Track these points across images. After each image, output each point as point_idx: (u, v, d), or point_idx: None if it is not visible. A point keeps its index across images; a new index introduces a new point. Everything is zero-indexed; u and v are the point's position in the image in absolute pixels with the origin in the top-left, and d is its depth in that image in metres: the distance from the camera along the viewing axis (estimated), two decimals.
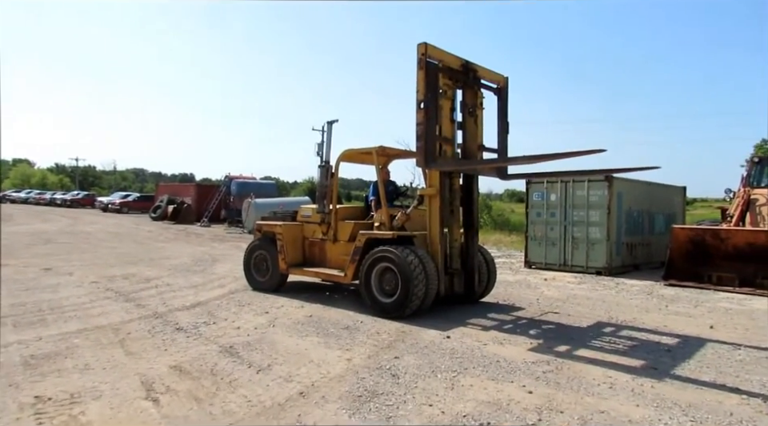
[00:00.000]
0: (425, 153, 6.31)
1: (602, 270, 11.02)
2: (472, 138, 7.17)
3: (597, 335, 5.75)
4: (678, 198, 14.17)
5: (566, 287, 9.35)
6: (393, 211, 7.16)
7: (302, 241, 8.28)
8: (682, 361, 4.80)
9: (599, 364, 4.65)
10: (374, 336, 5.55)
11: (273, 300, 7.47)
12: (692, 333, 5.90)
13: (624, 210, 11.52)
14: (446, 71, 6.76)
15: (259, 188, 27.19)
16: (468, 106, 7.12)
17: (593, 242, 11.22)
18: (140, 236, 18.91)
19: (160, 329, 5.72)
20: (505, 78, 7.53)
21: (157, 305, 6.98)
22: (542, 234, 12.09)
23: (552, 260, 11.89)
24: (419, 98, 6.39)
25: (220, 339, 5.38)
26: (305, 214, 8.40)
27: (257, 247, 8.51)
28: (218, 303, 7.20)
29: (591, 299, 8.16)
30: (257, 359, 4.70)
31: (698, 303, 7.85)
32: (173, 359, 4.69)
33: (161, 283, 8.71)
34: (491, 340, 5.44)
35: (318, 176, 8.16)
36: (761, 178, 10.79)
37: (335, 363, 4.63)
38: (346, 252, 7.33)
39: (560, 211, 11.79)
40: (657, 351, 5.14)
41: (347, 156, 7.97)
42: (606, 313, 7.01)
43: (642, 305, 7.67)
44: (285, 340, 5.36)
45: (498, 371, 4.46)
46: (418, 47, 6.44)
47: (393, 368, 4.48)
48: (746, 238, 9.09)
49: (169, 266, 11.00)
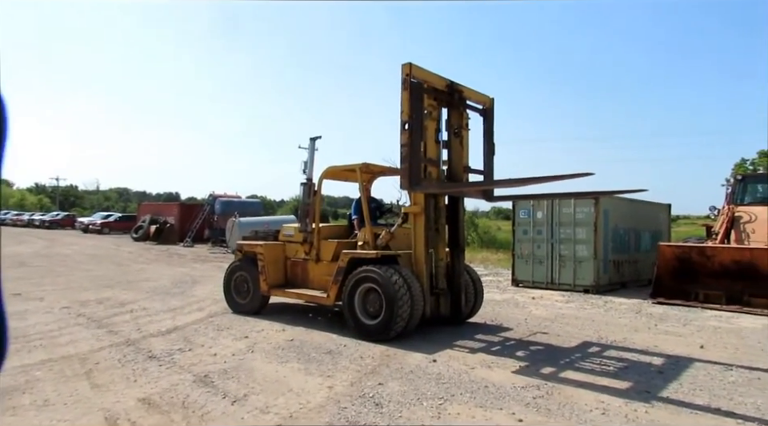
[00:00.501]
0: (409, 175, 6.21)
1: (589, 288, 10.94)
2: (457, 160, 7.12)
3: (587, 357, 5.60)
4: (663, 215, 14.25)
5: (554, 306, 9.22)
6: (377, 230, 7.01)
7: (284, 261, 8.08)
8: (675, 383, 4.65)
9: (591, 388, 4.49)
10: (357, 361, 5.34)
11: (253, 323, 7.22)
12: (683, 353, 5.78)
13: (611, 227, 11.51)
14: (430, 92, 6.70)
15: (244, 207, 26.93)
16: (453, 127, 7.06)
17: (580, 260, 11.15)
18: (119, 258, 18.47)
19: (131, 358, 5.44)
20: (491, 99, 7.49)
21: (130, 331, 6.68)
22: (528, 252, 12.01)
23: (539, 278, 11.79)
24: (403, 119, 6.31)
25: (195, 367, 5.12)
26: (287, 233, 8.22)
27: (237, 268, 8.28)
28: (195, 328, 6.92)
29: (580, 318, 8.03)
30: (232, 389, 4.45)
31: (686, 322, 7.76)
32: (142, 390, 4.42)
33: (136, 308, 8.40)
34: (479, 364, 5.25)
35: (300, 194, 8.00)
36: (744, 196, 10.90)
37: (316, 391, 4.41)
38: (329, 272, 7.14)
39: (547, 229, 11.73)
40: (648, 372, 5.00)
41: (330, 173, 7.83)
42: (596, 333, 6.88)
43: (631, 324, 7.56)
44: (263, 367, 5.12)
45: (487, 397, 4.27)
46: (403, 68, 6.37)
47: (376, 396, 4.27)
48: (731, 255, 9.08)
49: (147, 289, 10.67)
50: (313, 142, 8.42)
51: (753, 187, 11.07)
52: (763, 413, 3.95)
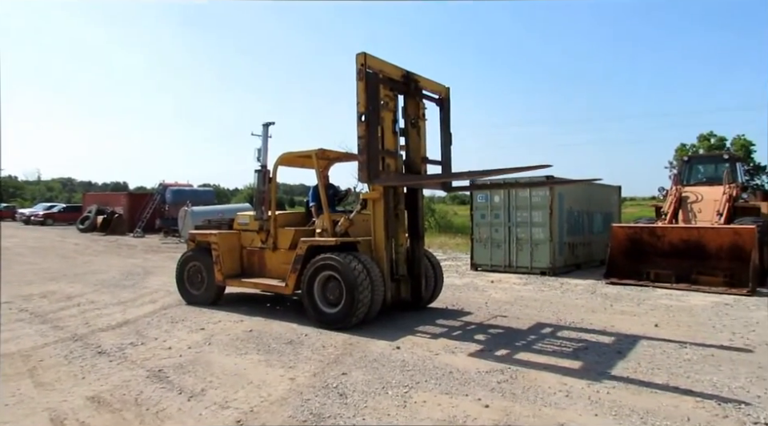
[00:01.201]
0: (368, 168, 6.15)
1: (546, 270, 11.16)
2: (415, 150, 7.09)
3: (547, 339, 5.67)
4: (614, 197, 14.66)
5: (513, 289, 9.35)
6: (335, 217, 6.91)
7: (240, 250, 7.86)
8: (634, 363, 4.76)
9: (553, 371, 4.53)
10: (319, 351, 5.22)
11: (209, 315, 6.98)
12: (638, 332, 5.94)
13: (565, 210, 11.74)
14: (386, 82, 6.64)
15: (196, 195, 26.13)
16: (410, 117, 7.01)
17: (536, 242, 11.34)
18: (65, 250, 17.58)
19: (79, 354, 5.13)
20: (446, 89, 7.48)
21: (77, 326, 6.33)
22: (486, 236, 12.13)
23: (497, 262, 11.95)
24: (360, 111, 6.22)
25: (148, 362, 4.88)
26: (242, 221, 7.99)
27: (190, 258, 8.01)
28: (148, 321, 6.63)
29: (538, 300, 8.17)
30: (189, 384, 4.26)
31: (640, 301, 8.00)
32: (91, 388, 4.16)
33: (84, 301, 7.98)
34: (442, 349, 5.23)
35: (255, 181, 7.79)
36: (690, 176, 11.33)
37: (277, 383, 4.27)
38: (287, 261, 6.99)
39: (504, 213, 11.86)
40: (608, 352, 5.11)
41: (285, 160, 7.66)
42: (555, 315, 7.00)
43: (588, 305, 7.74)
44: (221, 360, 4.93)
45: (452, 383, 4.24)
46: (357, 57, 6.26)
47: (340, 387, 4.17)
48: (680, 234, 9.44)
49: (95, 281, 10.18)
50: (266, 128, 8.22)
51: (698, 168, 11.52)
52: (720, 390, 4.09)
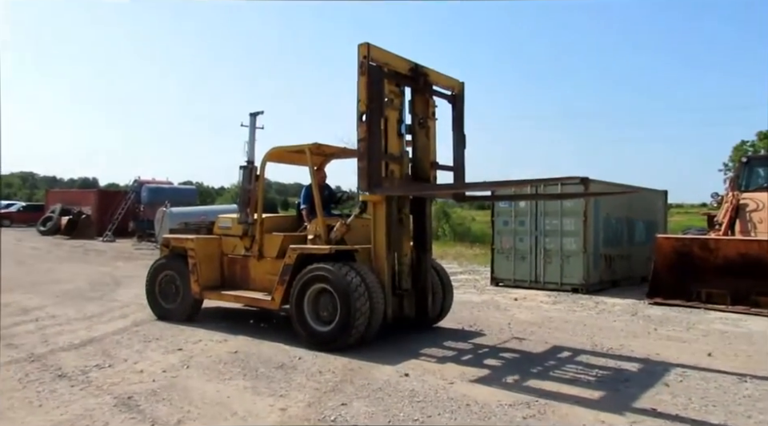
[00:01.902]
0: (368, 175, 6.10)
1: (578, 287, 11.09)
2: (424, 154, 7.04)
3: (581, 368, 5.60)
4: (659, 203, 14.57)
5: (540, 308, 9.29)
6: (330, 221, 6.85)
7: (221, 258, 7.84)
8: (684, 398, 4.68)
9: (588, 405, 4.47)
10: (314, 377, 5.18)
11: (189, 333, 6.96)
12: (689, 362, 5.86)
13: (602, 217, 11.67)
14: (392, 77, 6.59)
15: (176, 194, 26.26)
16: (418, 116, 6.96)
17: (568, 254, 11.28)
18: (22, 255, 17.69)
19: (35, 377, 5.12)
20: (460, 84, 7.44)
21: (35, 344, 6.32)
22: (509, 246, 12.09)
23: (522, 276, 11.89)
24: (361, 110, 6.16)
25: (116, 387, 4.85)
26: (223, 225, 7.98)
27: (163, 266, 8.00)
28: (117, 339, 6.62)
29: (570, 322, 8.10)
30: (163, 414, 4.22)
31: (689, 326, 7.92)
32: (48, 418, 4.14)
33: (43, 315, 7.99)
34: (458, 377, 5.18)
35: (239, 178, 7.76)
36: (749, 181, 11.15)
37: (266, 414, 4.24)
38: (274, 271, 6.95)
39: (530, 220, 11.82)
40: (652, 385, 5.03)
41: (275, 155, 7.60)
42: (589, 339, 6.93)
43: (628, 329, 7.67)
44: (202, 386, 4.89)
45: (470, 417, 4.19)
46: (359, 48, 6.18)
47: (339, 420, 4.13)
48: (737, 248, 9.31)
49: (57, 292, 10.20)
50: (253, 119, 8.14)
51: (758, 171, 11.32)
52: None
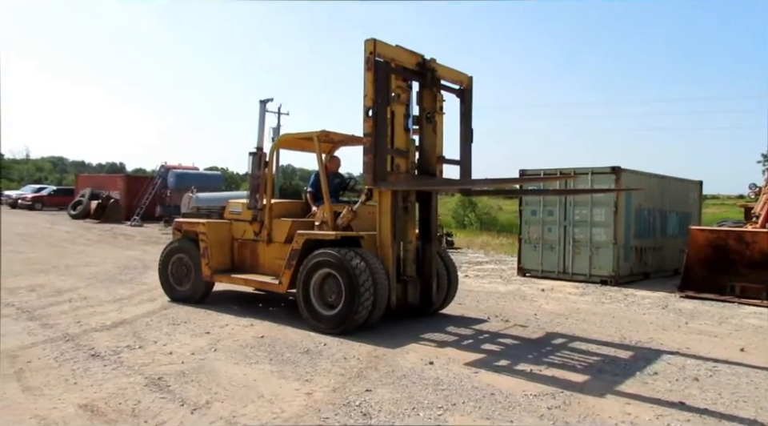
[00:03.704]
0: (373, 169, 6.28)
1: (607, 279, 11.01)
2: (430, 149, 7.14)
3: (608, 360, 5.59)
4: (693, 194, 14.33)
5: (568, 300, 9.26)
6: (337, 208, 7.02)
7: (231, 242, 8.09)
8: (714, 393, 4.66)
9: (615, 397, 4.48)
10: (339, 363, 5.28)
11: (215, 317, 7.13)
12: (720, 357, 5.81)
13: (633, 208, 11.55)
14: (399, 72, 6.72)
15: (202, 180, 26.71)
16: (426, 110, 7.06)
17: (597, 245, 11.20)
18: (55, 238, 18.20)
19: (70, 356, 5.31)
20: (469, 78, 7.52)
21: (68, 325, 6.54)
22: (537, 236, 12.04)
23: (549, 267, 11.85)
24: (367, 105, 6.32)
25: (146, 368, 5.01)
26: (234, 210, 8.19)
27: (176, 250, 8.27)
28: (146, 322, 6.81)
29: (598, 314, 8.07)
30: (192, 395, 4.36)
31: (722, 320, 7.84)
32: (83, 395, 4.30)
33: (76, 297, 8.24)
34: (483, 367, 5.23)
35: (249, 165, 7.95)
36: None
37: (291, 398, 4.33)
38: (282, 256, 7.16)
39: (559, 209, 11.75)
40: (682, 379, 5.01)
41: (285, 142, 7.87)
42: (617, 331, 6.91)
43: (658, 322, 7.61)
44: (229, 369, 5.03)
45: (494, 407, 4.23)
46: (366, 44, 6.32)
47: (363, 405, 4.21)
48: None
49: (88, 274, 10.50)
50: (263, 106, 8.59)
51: None
52: None
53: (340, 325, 6.26)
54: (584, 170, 11.39)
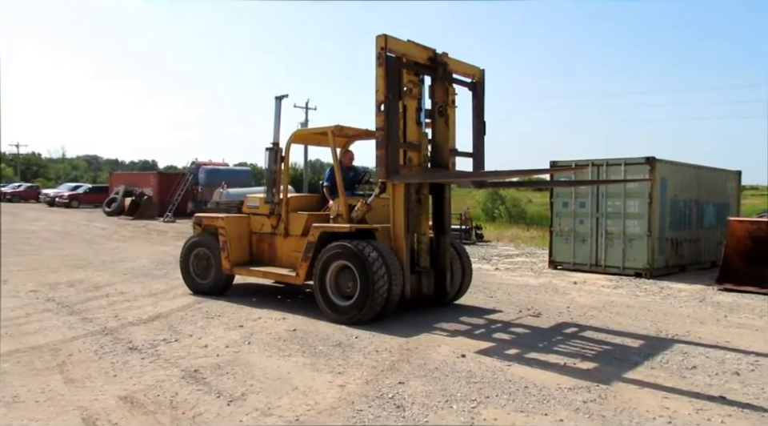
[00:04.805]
0: (386, 163, 6.39)
1: (642, 271, 10.82)
2: (443, 142, 7.21)
3: (645, 354, 5.50)
4: (731, 184, 13.97)
5: (601, 293, 9.14)
6: (352, 201, 7.14)
7: (249, 236, 8.27)
8: (756, 388, 4.55)
9: (652, 391, 4.41)
10: (371, 355, 5.31)
11: (248, 311, 7.22)
12: (762, 350, 5.67)
13: (668, 199, 11.32)
14: (410, 66, 6.81)
15: (232, 176, 27.04)
16: (438, 104, 7.12)
17: (631, 238, 11.01)
18: (91, 235, 18.64)
19: (109, 349, 5.45)
20: (481, 71, 7.58)
21: (107, 319, 6.71)
22: (569, 228, 11.90)
23: (581, 260, 11.71)
24: (379, 100, 6.42)
25: (182, 360, 5.11)
26: (251, 204, 8.39)
27: (196, 244, 8.47)
28: (181, 315, 6.94)
29: (632, 307, 7.94)
30: (228, 387, 4.43)
31: (763, 313, 7.64)
32: (123, 387, 4.41)
33: (113, 292, 8.44)
34: (516, 360, 5.19)
35: (265, 160, 8.10)
36: None
37: (325, 390, 4.38)
38: (299, 248, 7.30)
39: (591, 201, 11.58)
40: (721, 373, 4.90)
41: (300, 137, 8.09)
42: (653, 325, 6.79)
43: (695, 315, 7.46)
44: (263, 361, 5.10)
45: (528, 399, 4.21)
46: (377, 40, 6.42)
47: (397, 397, 4.23)
48: None
49: (124, 270, 10.74)
50: (279, 102, 8.66)
51: None
52: None
53: (356, 315, 6.40)
54: (617, 160, 11.20)
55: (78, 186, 41.85)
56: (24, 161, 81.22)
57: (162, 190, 29.80)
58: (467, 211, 20.23)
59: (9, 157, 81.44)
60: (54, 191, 40.38)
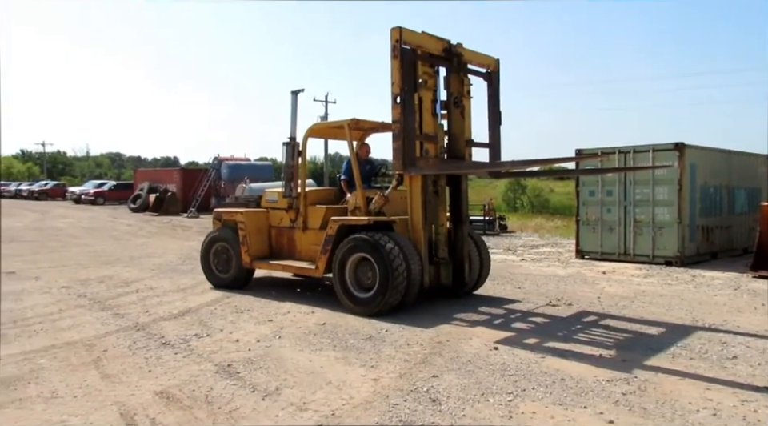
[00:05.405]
0: (402, 155, 6.42)
1: (672, 260, 10.63)
2: (458, 133, 7.22)
3: (682, 344, 5.38)
4: (762, 169, 13.62)
5: (631, 282, 8.99)
6: (369, 194, 7.15)
7: (268, 230, 8.31)
8: None
9: (693, 382, 4.30)
10: (403, 348, 5.27)
11: (276, 305, 7.24)
12: None
13: (698, 185, 11.10)
14: (425, 58, 6.82)
15: (254, 171, 27.16)
16: (453, 95, 7.13)
17: (660, 225, 10.83)
18: (118, 231, 18.90)
19: (142, 344, 5.49)
20: (496, 61, 7.57)
21: (138, 314, 6.77)
22: (596, 217, 11.74)
23: (609, 249, 11.55)
24: (395, 92, 6.45)
25: (215, 355, 5.13)
26: (270, 198, 8.42)
27: (216, 239, 8.53)
28: (211, 310, 6.98)
29: (665, 296, 7.80)
30: (262, 381, 4.44)
31: None
32: (158, 382, 4.44)
33: (142, 287, 8.53)
34: (549, 352, 5.11)
35: (282, 154, 8.14)
36: None
37: (359, 384, 4.35)
38: (318, 242, 7.34)
39: (618, 189, 11.41)
40: (764, 363, 4.77)
41: (316, 131, 8.11)
42: (688, 314, 6.65)
43: (731, 303, 7.29)
44: (294, 356, 5.09)
45: (565, 392, 4.13)
46: (392, 33, 6.44)
47: (432, 391, 4.18)
48: None
49: (151, 265, 10.85)
50: (295, 97, 8.68)
51: None
52: None
53: (375, 307, 6.45)
54: (644, 147, 11.00)
55: (102, 183, 42.51)
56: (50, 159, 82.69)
57: (185, 186, 30.08)
58: (490, 202, 20.08)
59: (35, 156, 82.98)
60: (80, 189, 41.10)
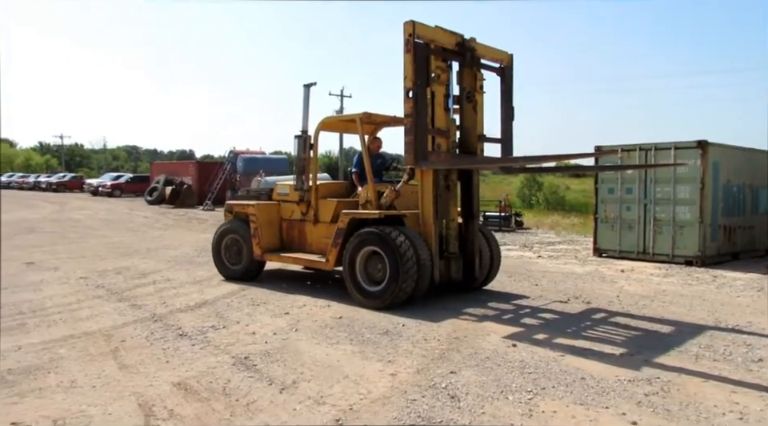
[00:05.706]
0: (414, 150, 6.41)
1: (693, 259, 10.46)
2: (471, 127, 7.19)
3: (705, 345, 5.28)
4: None
5: (650, 281, 8.86)
6: (381, 187, 7.17)
7: (279, 223, 8.34)
8: None
9: (717, 384, 4.22)
10: (420, 344, 5.23)
11: (292, 298, 7.23)
12: None
13: (721, 184, 10.90)
14: (438, 52, 6.80)
15: (269, 164, 27.20)
16: (466, 90, 7.09)
17: (681, 224, 10.66)
18: (135, 223, 19.04)
19: (160, 335, 5.51)
20: (509, 56, 7.52)
21: (155, 305, 6.80)
22: (615, 215, 11.60)
23: (628, 247, 11.40)
24: (407, 86, 6.45)
25: (232, 347, 5.14)
26: (281, 191, 8.44)
27: (228, 231, 8.56)
28: (227, 302, 6.99)
29: (685, 296, 7.67)
30: (279, 374, 4.43)
31: None
32: (176, 373, 4.45)
33: (159, 279, 8.57)
34: (569, 350, 5.04)
35: (294, 147, 8.15)
36: None
37: (376, 379, 4.33)
38: (328, 235, 7.37)
39: (638, 186, 11.24)
40: None
41: (327, 125, 8.15)
42: (710, 315, 6.54)
43: (755, 305, 7.15)
44: (311, 349, 5.08)
45: (586, 392, 4.07)
46: (405, 27, 6.42)
47: (450, 387, 4.14)
48: None
49: (168, 257, 10.92)
50: (307, 90, 8.71)
51: None
52: None
53: (385, 300, 6.46)
54: (666, 145, 10.82)
55: (119, 175, 42.87)
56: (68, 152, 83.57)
57: (200, 178, 30.24)
58: (506, 198, 19.95)
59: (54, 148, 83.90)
60: (97, 181, 41.45)
